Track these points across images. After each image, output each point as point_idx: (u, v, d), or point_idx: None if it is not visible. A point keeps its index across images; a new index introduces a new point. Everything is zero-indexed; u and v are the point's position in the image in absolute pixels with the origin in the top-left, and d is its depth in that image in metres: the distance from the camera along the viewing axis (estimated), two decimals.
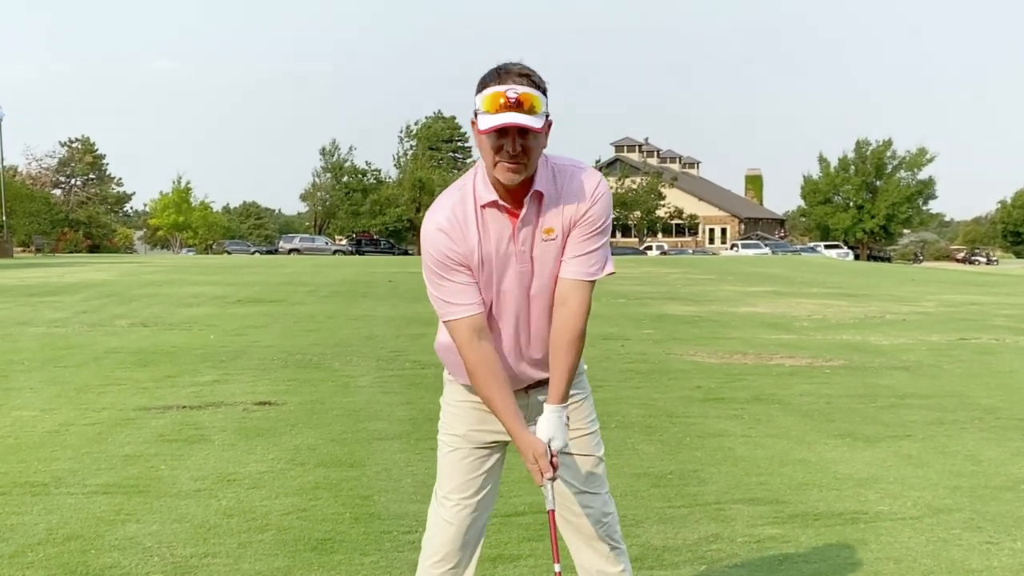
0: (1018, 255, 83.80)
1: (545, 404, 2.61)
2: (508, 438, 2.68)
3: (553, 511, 2.58)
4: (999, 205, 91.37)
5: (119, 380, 8.68)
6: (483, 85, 2.46)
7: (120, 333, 12.60)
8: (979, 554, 4.09)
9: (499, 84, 2.43)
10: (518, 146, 2.43)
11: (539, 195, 2.53)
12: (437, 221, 2.54)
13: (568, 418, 2.61)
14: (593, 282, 2.60)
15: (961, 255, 75.10)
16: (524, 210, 2.53)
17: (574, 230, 2.56)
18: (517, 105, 2.40)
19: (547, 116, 2.47)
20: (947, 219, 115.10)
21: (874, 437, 6.41)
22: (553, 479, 2.55)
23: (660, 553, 4.09)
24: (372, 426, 6.69)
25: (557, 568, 2.58)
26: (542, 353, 2.65)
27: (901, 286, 25.13)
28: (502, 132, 2.43)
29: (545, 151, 2.54)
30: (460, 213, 2.54)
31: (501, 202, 2.51)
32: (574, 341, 2.58)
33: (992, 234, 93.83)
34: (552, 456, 2.54)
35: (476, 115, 2.46)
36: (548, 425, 2.57)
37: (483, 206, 2.53)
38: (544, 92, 2.47)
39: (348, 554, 4.08)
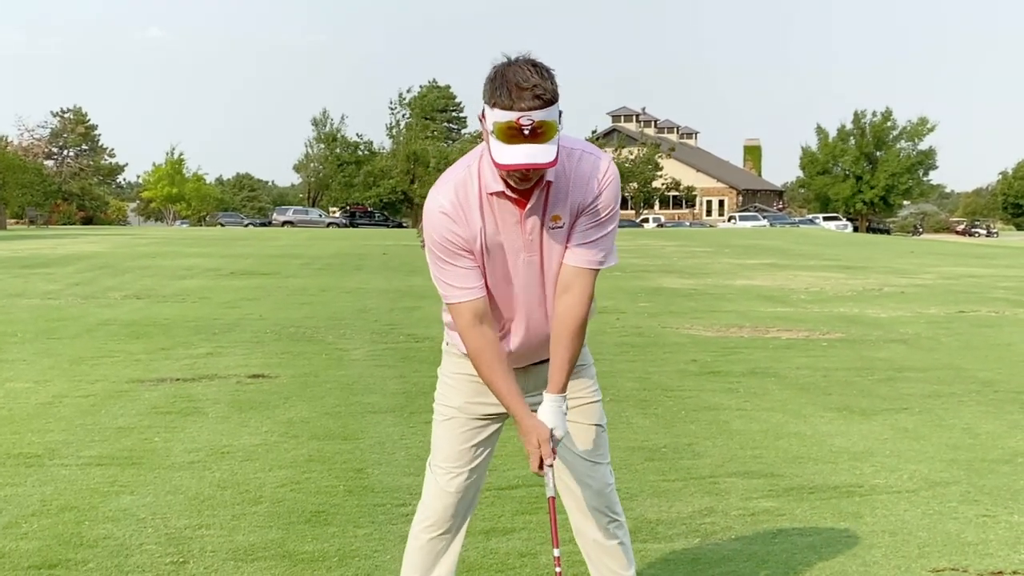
0: (1019, 227, 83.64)
1: (545, 393, 2.58)
2: (505, 410, 2.66)
3: (553, 498, 2.56)
4: (1000, 176, 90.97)
5: (112, 352, 8.65)
6: (493, 98, 2.35)
7: (113, 305, 12.56)
8: (975, 527, 4.08)
9: (512, 109, 2.32)
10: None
11: (547, 184, 2.47)
12: (440, 203, 2.48)
13: (567, 407, 2.59)
14: (597, 270, 2.55)
15: (961, 227, 74.99)
16: (532, 200, 2.47)
17: (581, 217, 2.51)
18: (532, 134, 2.32)
19: (559, 115, 2.37)
20: (947, 190, 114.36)
21: (870, 410, 6.40)
22: (551, 466, 2.54)
23: (654, 526, 4.09)
24: (365, 399, 6.66)
25: (557, 552, 2.58)
26: (546, 338, 2.61)
27: (900, 258, 25.12)
28: None
29: None
30: (463, 196, 2.48)
31: (508, 192, 2.46)
32: (576, 331, 2.54)
33: (993, 206, 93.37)
34: (553, 444, 2.53)
35: (484, 114, 2.38)
36: (549, 415, 2.54)
37: (489, 194, 2.47)
38: (556, 97, 2.36)
39: (341, 526, 4.07)
